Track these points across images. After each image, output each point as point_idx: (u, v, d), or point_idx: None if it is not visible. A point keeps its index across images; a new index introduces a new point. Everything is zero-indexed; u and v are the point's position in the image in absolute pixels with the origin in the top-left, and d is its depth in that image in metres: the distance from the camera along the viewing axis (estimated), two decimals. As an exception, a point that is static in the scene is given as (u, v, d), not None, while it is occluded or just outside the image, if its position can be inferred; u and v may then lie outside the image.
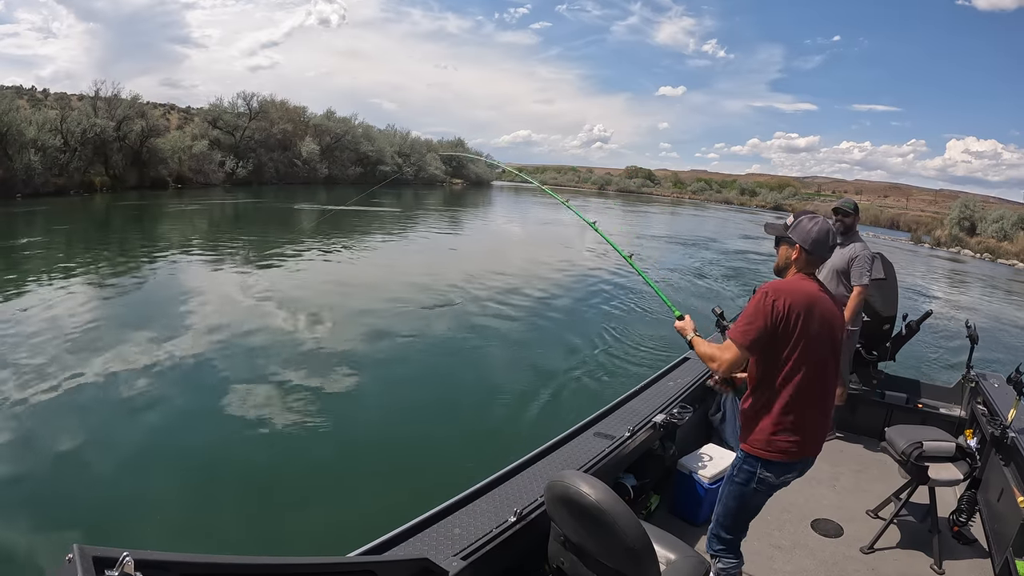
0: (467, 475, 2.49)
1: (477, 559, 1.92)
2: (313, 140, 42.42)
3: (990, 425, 3.46)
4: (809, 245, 2.16)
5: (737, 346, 2.09)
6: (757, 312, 2.07)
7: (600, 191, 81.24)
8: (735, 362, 2.12)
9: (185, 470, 4.48)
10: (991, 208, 40.59)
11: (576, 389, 6.60)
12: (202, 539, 3.71)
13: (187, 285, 10.51)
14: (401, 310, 9.46)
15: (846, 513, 3.43)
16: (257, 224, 21.83)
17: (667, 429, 3.12)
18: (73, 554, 0.87)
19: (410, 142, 53.64)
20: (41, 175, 23.96)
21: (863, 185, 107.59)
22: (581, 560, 1.93)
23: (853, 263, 3.94)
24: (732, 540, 2.32)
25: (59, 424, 4.99)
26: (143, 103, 31.71)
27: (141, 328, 7.58)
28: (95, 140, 27.18)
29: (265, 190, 34.63)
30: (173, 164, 31.83)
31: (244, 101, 39.33)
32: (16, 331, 7.26)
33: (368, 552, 1.81)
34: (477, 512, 2.15)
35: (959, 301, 16.84)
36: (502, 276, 12.77)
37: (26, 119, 24.49)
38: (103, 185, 27.09)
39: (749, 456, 2.18)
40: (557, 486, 1.87)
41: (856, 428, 4.50)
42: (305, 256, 14.34)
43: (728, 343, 2.13)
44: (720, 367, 2.16)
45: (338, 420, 5.40)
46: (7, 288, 9.47)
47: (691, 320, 2.45)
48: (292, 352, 7.08)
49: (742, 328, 2.10)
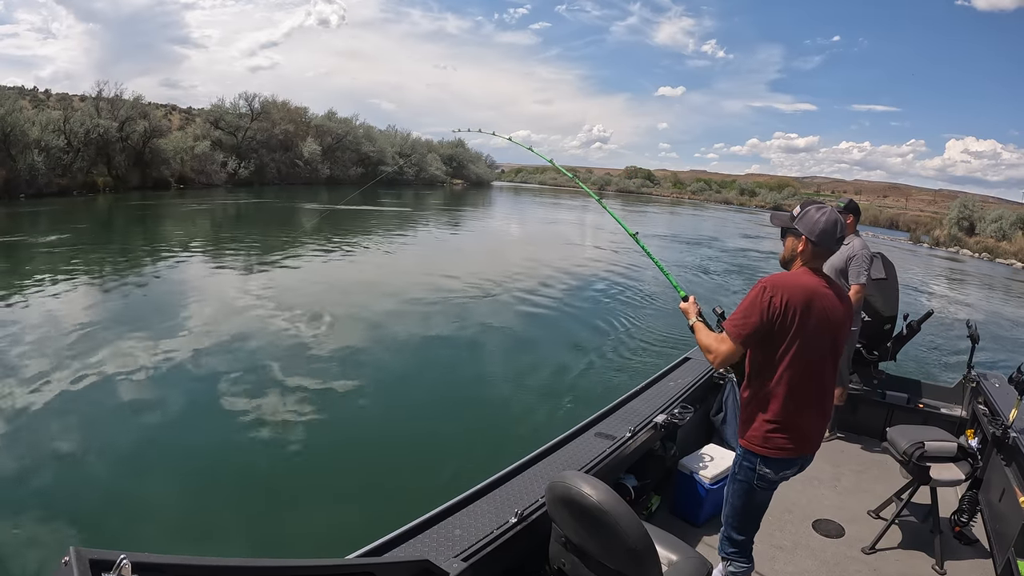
0: (468, 476, 2.48)
1: (478, 560, 1.90)
2: (315, 140, 42.41)
3: (991, 425, 3.43)
4: (816, 236, 2.07)
5: (732, 339, 2.06)
6: (753, 306, 2.03)
7: (600, 191, 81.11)
8: (730, 356, 2.09)
9: (182, 471, 4.45)
10: (990, 208, 40.45)
11: (577, 389, 6.57)
12: (200, 541, 3.68)
13: (188, 285, 10.51)
14: (400, 310, 9.42)
15: (847, 513, 3.41)
16: (260, 224, 21.84)
17: (668, 429, 3.10)
18: (70, 557, 0.86)
19: (411, 142, 53.63)
20: (45, 175, 23.98)
21: (862, 185, 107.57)
22: (582, 561, 1.91)
23: (851, 262, 3.91)
24: (744, 541, 2.28)
25: (55, 424, 4.97)
26: (145, 104, 31.69)
27: (141, 328, 7.56)
28: (98, 141, 27.19)
29: (267, 190, 34.63)
30: (175, 165, 31.82)
31: (246, 102, 39.41)
32: (18, 329, 7.25)
33: (368, 554, 1.79)
34: (478, 513, 2.13)
35: (959, 300, 16.83)
36: (502, 275, 12.74)
37: (29, 119, 24.50)
38: (106, 185, 27.09)
39: (748, 452, 2.16)
40: (558, 487, 1.86)
41: (857, 428, 4.47)
42: (306, 256, 14.35)
43: (724, 336, 2.10)
44: (716, 359, 2.13)
45: (338, 420, 5.38)
46: (11, 287, 9.46)
47: (695, 302, 2.38)
48: (290, 352, 7.04)
49: (737, 322, 2.05)
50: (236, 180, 35.38)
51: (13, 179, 22.53)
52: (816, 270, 2.13)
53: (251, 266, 12.87)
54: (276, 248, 15.16)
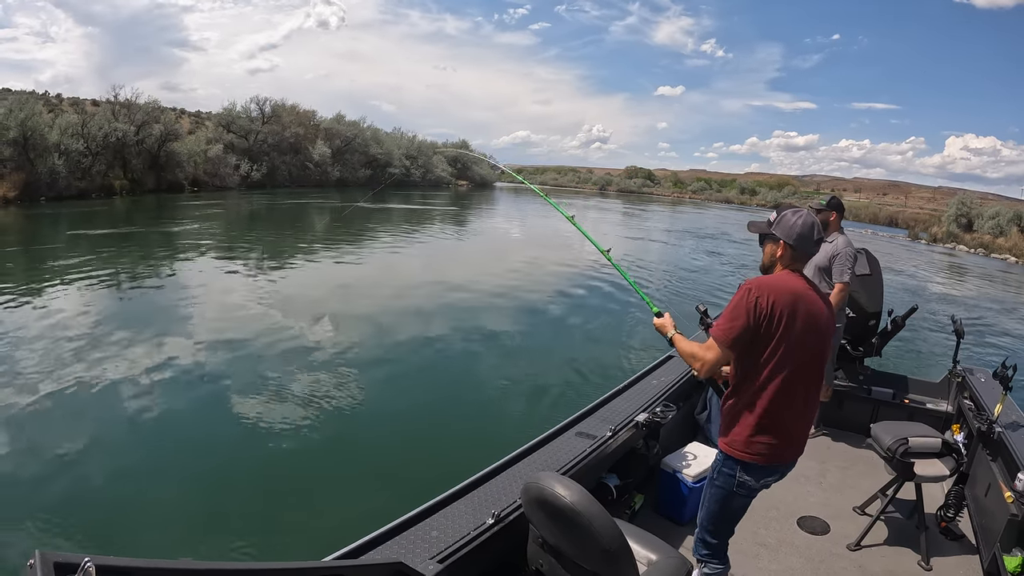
0: (445, 477, 2.41)
1: (454, 562, 1.86)
2: (324, 143, 42.50)
3: (977, 420, 3.38)
4: (794, 240, 2.03)
5: (719, 344, 1.98)
6: (738, 309, 1.95)
7: (601, 192, 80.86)
8: (718, 362, 2.01)
9: (154, 474, 4.33)
10: (988, 205, 40.33)
11: (558, 389, 6.40)
12: (173, 543, 3.56)
13: (200, 287, 10.45)
14: (380, 313, 9.14)
15: (832, 510, 3.36)
16: (276, 224, 21.87)
17: (650, 428, 3.04)
18: (35, 560, 0.86)
19: (417, 144, 53.66)
20: (65, 179, 24.11)
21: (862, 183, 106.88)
22: (559, 562, 1.87)
23: (835, 260, 3.84)
24: (717, 545, 2.22)
25: (53, 424, 4.92)
26: (159, 107, 31.80)
27: (141, 328, 7.51)
28: (116, 144, 27.32)
29: (279, 192, 34.73)
30: (189, 167, 31.92)
31: (257, 105, 39.53)
32: (32, 328, 7.28)
33: (343, 557, 1.76)
34: (455, 514, 2.09)
35: (947, 294, 16.65)
36: (486, 277, 12.45)
37: (48, 123, 24.58)
38: (122, 188, 27.17)
39: (728, 458, 2.08)
40: (533, 488, 1.82)
41: (842, 424, 4.41)
42: (308, 256, 14.33)
43: (711, 342, 2.02)
44: (703, 367, 2.03)
45: (312, 423, 5.21)
46: (32, 288, 9.53)
47: (671, 317, 2.31)
48: (269, 355, 6.79)
49: (724, 326, 1.98)
50: (249, 182, 35.48)
51: (33, 182, 22.67)
52: (799, 273, 2.08)
53: (265, 267, 12.85)
54: (288, 248, 15.21)
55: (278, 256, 14.39)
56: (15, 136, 22.42)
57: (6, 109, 23.47)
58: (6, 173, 22.16)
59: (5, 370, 5.89)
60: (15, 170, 22.39)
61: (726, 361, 2.04)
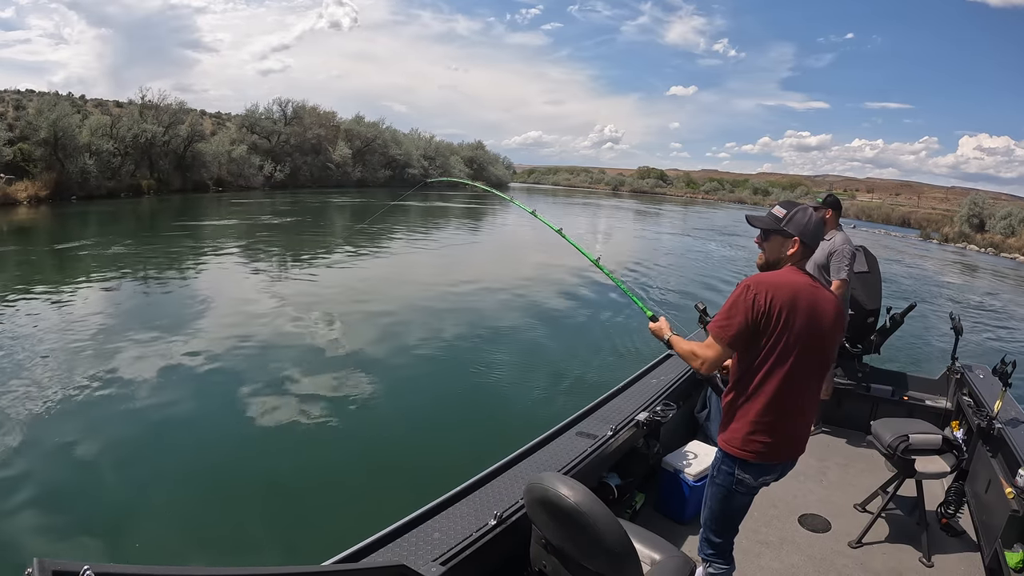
0: (447, 478, 2.36)
1: (456, 564, 1.83)
2: (345, 144, 42.74)
3: (976, 416, 3.34)
4: (808, 238, 1.96)
5: (718, 342, 1.94)
6: (736, 306, 1.90)
7: (614, 192, 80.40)
8: (718, 359, 1.97)
9: (155, 475, 4.25)
10: (1001, 205, 39.72)
11: (558, 388, 6.31)
12: (173, 545, 3.46)
13: (213, 287, 10.37)
14: (381, 313, 9.04)
15: (833, 508, 3.32)
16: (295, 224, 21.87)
17: (651, 427, 3.00)
18: (33, 568, 0.85)
19: (434, 145, 53.82)
20: (96, 178, 24.50)
21: (875, 183, 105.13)
22: (563, 563, 1.83)
23: (832, 257, 3.78)
24: (722, 544, 2.17)
25: (55, 424, 4.85)
26: (185, 109, 32.15)
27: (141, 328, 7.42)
28: (144, 145, 27.71)
29: (302, 192, 34.89)
30: (214, 168, 32.28)
31: (279, 107, 39.89)
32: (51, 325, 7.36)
33: (344, 560, 1.74)
34: (457, 516, 2.06)
35: (950, 293, 16.34)
36: (488, 278, 12.34)
37: (77, 124, 24.86)
38: (149, 188, 27.55)
39: (727, 456, 2.04)
40: (536, 488, 1.78)
41: (842, 422, 4.35)
42: (306, 257, 14.31)
43: (710, 340, 1.98)
44: (704, 365, 1.99)
45: (313, 426, 5.13)
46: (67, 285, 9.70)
47: (666, 321, 2.27)
48: (274, 358, 6.71)
49: (722, 324, 1.93)
50: (272, 183, 35.82)
51: (64, 182, 23.07)
52: (802, 269, 2.03)
53: (275, 268, 12.85)
54: (296, 251, 15.25)
55: (303, 255, 14.44)
56: (46, 136, 22.77)
57: (36, 110, 23.90)
58: (37, 172, 22.55)
59: (18, 369, 5.87)
60: (46, 169, 22.79)
61: (727, 358, 2.00)
